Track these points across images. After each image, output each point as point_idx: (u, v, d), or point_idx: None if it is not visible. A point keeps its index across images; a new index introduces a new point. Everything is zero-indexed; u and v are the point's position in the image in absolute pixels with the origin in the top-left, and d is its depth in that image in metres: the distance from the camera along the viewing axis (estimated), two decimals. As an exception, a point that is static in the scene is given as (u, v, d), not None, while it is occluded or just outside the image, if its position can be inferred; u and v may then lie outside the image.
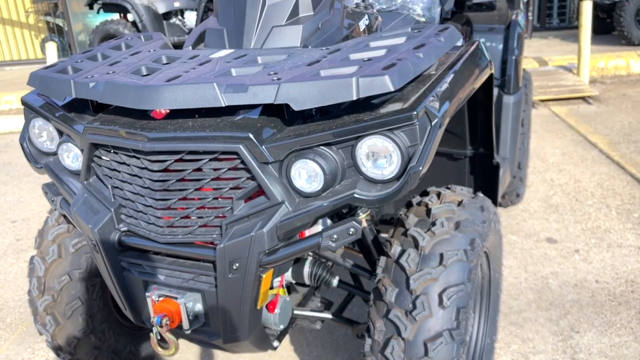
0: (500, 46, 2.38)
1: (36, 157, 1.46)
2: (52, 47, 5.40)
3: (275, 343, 1.46)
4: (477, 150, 1.72)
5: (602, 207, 2.76)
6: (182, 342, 1.37)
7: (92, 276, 1.59)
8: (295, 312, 1.52)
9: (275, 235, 1.13)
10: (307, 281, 1.53)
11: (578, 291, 2.12)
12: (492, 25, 2.45)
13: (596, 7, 6.07)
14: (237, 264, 1.14)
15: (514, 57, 2.33)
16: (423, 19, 2.18)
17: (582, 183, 3.05)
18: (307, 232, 1.25)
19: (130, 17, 6.35)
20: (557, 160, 3.40)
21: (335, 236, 1.13)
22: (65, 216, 1.49)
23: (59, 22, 8.02)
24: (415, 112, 1.06)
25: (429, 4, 2.31)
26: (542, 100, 4.55)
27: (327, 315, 1.54)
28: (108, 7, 6.27)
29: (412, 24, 1.80)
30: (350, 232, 1.13)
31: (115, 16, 6.58)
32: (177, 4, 6.34)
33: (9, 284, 2.48)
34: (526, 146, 2.66)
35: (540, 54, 5.66)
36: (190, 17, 6.34)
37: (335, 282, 1.53)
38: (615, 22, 5.68)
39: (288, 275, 1.48)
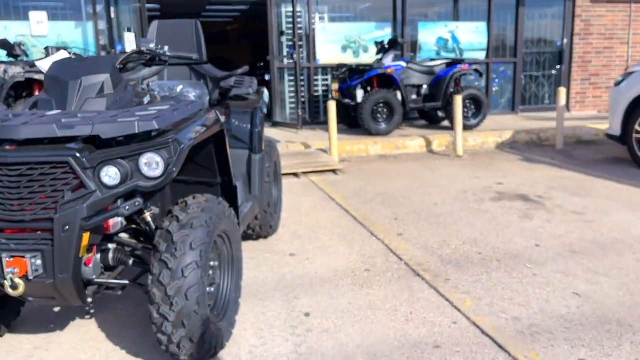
0: (249, 123, 3.55)
1: None
2: None
3: (89, 299, 2.21)
4: (224, 178, 2.75)
5: (329, 234, 4.00)
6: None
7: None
8: (105, 280, 2.29)
9: (91, 208, 1.97)
10: (111, 262, 2.33)
11: (304, 279, 3.22)
12: (244, 110, 3.63)
13: (348, 108, 8.00)
14: (67, 227, 1.95)
15: (257, 130, 3.51)
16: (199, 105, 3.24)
17: (320, 221, 4.31)
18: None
19: None
20: (307, 209, 4.66)
21: (127, 207, 2.02)
22: None
23: None
24: (170, 140, 2.04)
25: (200, 94, 3.42)
26: (304, 172, 5.96)
27: (125, 281, 2.35)
28: None
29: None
30: (137, 204, 2.04)
31: None
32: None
33: None
34: (274, 191, 3.82)
35: (307, 140, 7.22)
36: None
37: (130, 262, 2.37)
38: (359, 118, 7.54)
39: (96, 265, 2.25)
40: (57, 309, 2.88)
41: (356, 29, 9.09)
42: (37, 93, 6.49)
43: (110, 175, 2.00)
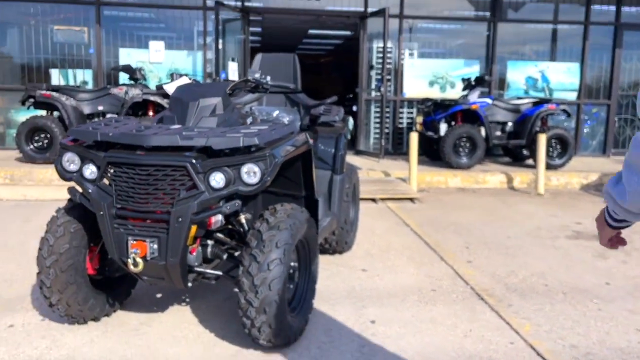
0: (333, 147, 3.94)
1: (62, 174, 2.63)
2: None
3: (189, 284, 2.65)
4: (307, 192, 3.13)
5: (399, 256, 4.26)
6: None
7: (81, 246, 2.70)
8: (203, 270, 2.72)
9: (200, 205, 2.41)
10: (209, 256, 2.77)
11: (372, 292, 3.50)
12: (330, 135, 4.02)
13: (431, 140, 8.23)
14: (180, 219, 2.39)
15: (339, 154, 3.88)
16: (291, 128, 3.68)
17: (392, 244, 4.58)
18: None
19: (56, 113, 7.45)
20: (381, 232, 4.94)
21: (228, 206, 2.44)
22: (77, 204, 2.64)
23: (-20, 114, 8.83)
24: (267, 154, 2.45)
25: (293, 119, 3.85)
26: (382, 199, 6.25)
27: (219, 272, 2.76)
28: (39, 105, 7.35)
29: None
30: (236, 205, 2.45)
31: (42, 112, 7.64)
32: (100, 108, 7.57)
33: None
34: (351, 211, 4.16)
35: (387, 169, 7.52)
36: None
37: (224, 256, 2.79)
38: (441, 151, 7.74)
39: (198, 255, 2.68)
40: (159, 295, 3.36)
41: (444, 65, 9.35)
42: (150, 112, 7.33)
43: (217, 179, 2.43)
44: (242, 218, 2.75)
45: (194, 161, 2.41)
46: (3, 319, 2.97)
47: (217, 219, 2.58)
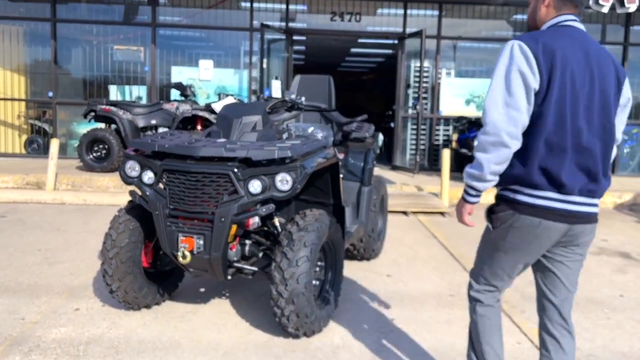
0: (362, 161, 4.28)
1: (125, 179, 3.08)
2: (55, 144, 7.01)
3: (229, 277, 3.04)
4: (335, 200, 3.48)
5: (425, 265, 4.54)
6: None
7: (138, 242, 3.14)
8: (241, 265, 3.10)
9: (239, 208, 2.80)
10: (247, 253, 3.16)
11: (395, 295, 3.80)
12: (360, 150, 4.38)
13: (465, 157, 8.45)
14: (223, 219, 2.79)
15: (368, 167, 4.22)
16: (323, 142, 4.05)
17: (419, 254, 4.86)
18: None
19: (113, 126, 8.11)
20: (409, 243, 5.23)
21: (264, 209, 2.83)
22: (136, 205, 3.09)
23: (45, 126, 9.65)
24: (298, 165, 2.83)
25: (326, 135, 4.23)
26: (413, 212, 6.53)
27: (255, 268, 3.14)
28: (99, 118, 8.02)
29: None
30: (270, 208, 2.84)
31: (101, 125, 8.32)
32: (153, 122, 8.18)
33: (49, 276, 3.87)
34: (379, 221, 4.48)
35: (421, 184, 7.79)
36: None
37: (260, 254, 3.18)
38: (474, 168, 7.95)
39: (237, 251, 3.08)
40: (202, 289, 3.78)
41: (481, 84, 9.57)
42: (199, 127, 7.88)
43: (255, 186, 2.82)
44: (276, 221, 3.13)
45: (235, 170, 2.81)
46: (70, 303, 3.44)
47: (255, 221, 2.97)
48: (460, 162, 8.61)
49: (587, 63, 1.88)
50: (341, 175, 3.44)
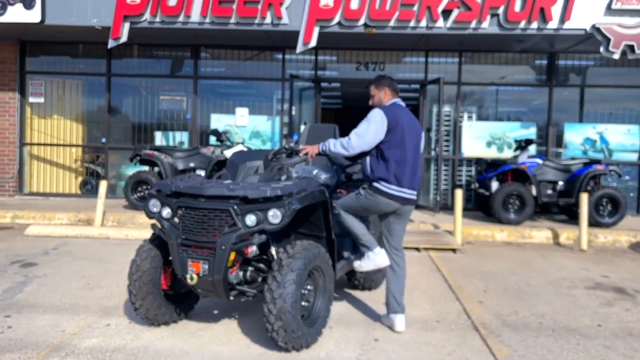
0: (361, 199, 4.78)
1: (148, 214, 3.72)
2: (103, 185, 7.88)
3: (231, 297, 3.58)
4: (327, 233, 4.00)
5: (421, 295, 4.94)
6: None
7: (158, 267, 3.75)
8: (242, 288, 3.65)
9: (237, 238, 3.37)
10: (248, 278, 3.70)
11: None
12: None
13: (484, 197, 8.79)
14: (223, 247, 3.37)
15: (366, 205, 4.72)
16: (327, 183, 4.61)
17: (419, 285, 5.26)
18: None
19: (156, 169, 8.95)
20: (413, 275, 5.63)
21: (258, 239, 3.39)
22: (157, 236, 3.71)
23: (98, 169, 10.66)
24: (286, 202, 3.39)
25: (329, 176, 4.79)
26: (425, 248, 6.92)
27: (254, 291, 3.67)
28: (143, 162, 8.89)
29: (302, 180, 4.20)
30: (263, 238, 3.39)
31: (146, 168, 9.19)
32: (191, 164, 8.99)
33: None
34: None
35: (438, 222, 8.17)
36: (201, 174, 8.95)
37: (259, 279, 3.72)
38: (491, 207, 8.28)
39: (237, 275, 3.63)
40: (215, 311, 4.33)
41: (501, 127, 9.95)
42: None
43: (251, 219, 3.39)
44: (273, 250, 3.68)
45: (235, 206, 3.40)
46: (103, 320, 4.07)
47: (253, 249, 3.52)
48: (481, 202, 8.95)
49: (410, 120, 3.92)
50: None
